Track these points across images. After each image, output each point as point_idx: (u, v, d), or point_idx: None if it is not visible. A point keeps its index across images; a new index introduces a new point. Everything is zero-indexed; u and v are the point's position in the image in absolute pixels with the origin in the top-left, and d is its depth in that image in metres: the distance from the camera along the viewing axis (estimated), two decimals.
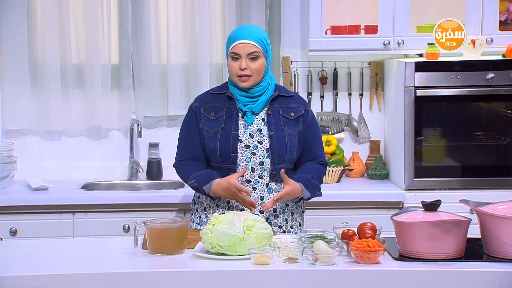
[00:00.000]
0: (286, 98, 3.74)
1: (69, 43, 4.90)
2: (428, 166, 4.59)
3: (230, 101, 3.69)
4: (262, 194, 3.66)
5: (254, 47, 3.62)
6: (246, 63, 3.61)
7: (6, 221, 4.41)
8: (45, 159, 4.97)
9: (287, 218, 3.71)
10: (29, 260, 3.15)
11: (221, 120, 3.67)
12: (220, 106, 3.70)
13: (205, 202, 3.72)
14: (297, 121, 3.71)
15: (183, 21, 4.97)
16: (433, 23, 4.69)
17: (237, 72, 3.63)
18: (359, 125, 5.10)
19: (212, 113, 3.69)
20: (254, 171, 3.65)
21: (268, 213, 3.66)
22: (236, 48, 3.62)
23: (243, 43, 3.62)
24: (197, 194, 3.78)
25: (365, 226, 3.18)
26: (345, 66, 5.09)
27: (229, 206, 3.67)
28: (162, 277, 2.94)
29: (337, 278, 2.95)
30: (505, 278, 2.92)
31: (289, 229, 3.70)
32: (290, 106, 3.72)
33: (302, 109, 3.73)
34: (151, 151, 4.97)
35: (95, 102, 4.94)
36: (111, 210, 4.47)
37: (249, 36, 3.63)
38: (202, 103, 3.74)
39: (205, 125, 3.69)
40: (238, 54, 3.62)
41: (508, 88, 4.55)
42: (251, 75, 3.62)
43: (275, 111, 3.69)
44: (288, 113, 3.70)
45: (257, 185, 3.66)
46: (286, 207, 3.71)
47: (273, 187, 3.68)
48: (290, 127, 3.68)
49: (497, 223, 3.05)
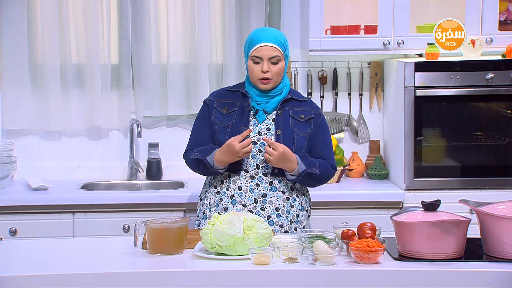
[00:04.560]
0: (299, 102, 3.78)
1: (69, 43, 4.90)
2: (427, 166, 4.60)
3: (244, 98, 3.74)
4: (265, 192, 3.68)
5: (277, 51, 3.65)
6: (268, 66, 3.64)
7: (6, 221, 4.41)
8: (45, 159, 4.97)
9: (291, 219, 3.72)
10: (28, 260, 3.15)
11: (232, 115, 3.72)
12: (233, 102, 3.75)
13: (211, 197, 3.75)
14: (307, 123, 3.74)
15: (183, 21, 4.98)
16: (433, 23, 4.69)
17: (259, 75, 3.66)
18: (358, 125, 5.10)
19: (225, 108, 3.75)
20: (259, 168, 3.69)
21: (270, 211, 3.68)
22: (258, 51, 3.65)
23: (266, 46, 3.65)
24: (204, 190, 3.82)
25: (364, 226, 3.18)
26: (345, 66, 5.09)
27: (232, 201, 3.68)
28: (161, 277, 2.94)
29: (337, 278, 2.96)
30: (504, 278, 2.92)
31: (293, 231, 3.70)
32: (301, 109, 3.76)
33: (313, 113, 3.77)
34: (151, 151, 4.97)
35: (94, 102, 4.94)
36: (110, 210, 4.47)
37: (271, 39, 3.66)
38: (216, 97, 3.80)
39: (216, 119, 3.74)
40: (260, 58, 3.65)
41: (508, 88, 4.55)
42: (272, 78, 3.66)
43: (285, 112, 3.73)
44: (299, 115, 3.74)
45: (261, 182, 3.69)
46: (291, 208, 3.72)
47: (277, 186, 3.69)
48: (299, 128, 3.71)
49: (497, 223, 3.05)
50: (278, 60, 3.65)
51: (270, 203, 3.68)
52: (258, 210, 3.66)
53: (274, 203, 3.68)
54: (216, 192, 3.73)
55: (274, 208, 3.68)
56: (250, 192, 3.68)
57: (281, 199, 3.69)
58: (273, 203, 3.68)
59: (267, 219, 3.65)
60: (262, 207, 3.67)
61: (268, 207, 3.68)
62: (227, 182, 3.72)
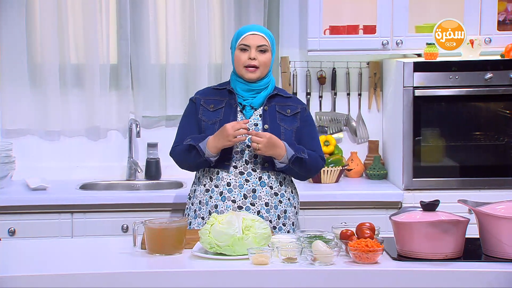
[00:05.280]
0: (284, 98, 3.84)
1: (67, 43, 4.90)
2: (426, 166, 4.60)
3: (231, 95, 3.78)
4: (254, 187, 3.72)
5: (264, 40, 3.73)
6: (255, 54, 3.71)
7: (5, 221, 4.41)
8: (44, 159, 4.97)
9: (279, 214, 3.74)
10: (27, 260, 3.15)
11: (220, 112, 3.76)
12: (220, 100, 3.79)
13: (200, 196, 3.77)
14: (294, 118, 3.79)
15: (182, 21, 4.98)
16: (431, 23, 4.69)
17: (246, 62, 3.71)
18: (357, 125, 5.10)
19: (212, 105, 3.79)
20: (248, 163, 3.72)
21: (260, 206, 3.71)
22: (246, 39, 3.72)
23: (254, 35, 3.73)
24: (193, 189, 3.84)
25: (363, 226, 3.18)
26: (344, 66, 5.09)
27: (222, 198, 3.71)
28: (160, 277, 2.94)
29: (336, 278, 2.96)
30: (503, 278, 2.92)
31: (281, 226, 3.74)
32: (287, 104, 3.81)
33: (299, 108, 3.83)
34: (150, 151, 4.97)
35: (94, 102, 4.94)
36: (109, 210, 4.47)
37: (259, 29, 3.76)
38: (203, 95, 3.85)
39: (204, 116, 3.77)
40: (248, 46, 3.72)
41: (507, 88, 4.55)
42: (259, 66, 3.71)
43: (272, 107, 3.77)
44: (285, 110, 3.78)
45: (250, 178, 3.72)
46: (280, 204, 3.74)
47: (266, 181, 3.73)
48: (286, 123, 3.75)
49: (496, 223, 3.05)
50: (265, 49, 3.72)
51: (259, 198, 3.72)
52: (248, 206, 3.71)
53: (263, 198, 3.72)
54: (205, 190, 3.77)
55: (263, 203, 3.72)
56: (240, 188, 3.72)
57: (269, 194, 3.72)
58: (262, 198, 3.72)
59: (257, 214, 3.66)
60: (252, 202, 3.71)
61: (258, 202, 3.71)
62: (216, 179, 3.74)
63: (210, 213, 3.72)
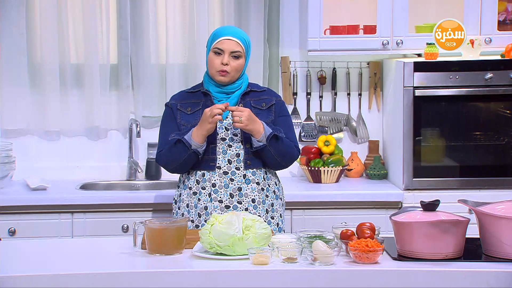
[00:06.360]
0: (258, 92, 3.88)
1: (67, 43, 4.90)
2: (426, 166, 4.59)
3: (206, 96, 3.82)
4: (240, 185, 3.75)
5: (239, 46, 3.75)
6: (228, 60, 3.73)
7: (5, 221, 4.41)
8: (44, 159, 4.97)
9: (267, 208, 3.78)
10: (27, 260, 3.15)
11: (198, 114, 3.79)
12: (196, 102, 3.83)
13: (187, 199, 3.80)
14: (269, 111, 3.83)
15: (182, 21, 4.98)
16: (431, 23, 4.69)
17: (219, 67, 3.74)
18: (358, 125, 5.10)
19: (189, 108, 3.83)
20: (231, 163, 3.76)
21: (247, 204, 3.74)
22: (220, 43, 3.75)
23: (229, 40, 3.75)
24: (178, 193, 3.87)
25: (364, 226, 3.18)
26: (344, 66, 5.09)
27: (211, 198, 3.74)
28: (161, 277, 2.94)
29: (336, 278, 2.96)
30: (503, 278, 2.92)
31: (270, 220, 3.78)
32: (262, 98, 3.86)
33: (273, 100, 3.87)
34: (150, 151, 4.97)
35: (93, 102, 4.94)
36: (109, 210, 4.47)
37: (235, 34, 3.77)
38: (178, 100, 3.89)
39: (183, 119, 3.81)
40: (222, 50, 3.74)
41: (507, 88, 4.55)
42: (230, 72, 3.74)
43: (247, 103, 3.81)
44: (260, 104, 3.83)
45: (234, 177, 3.76)
46: (266, 198, 3.78)
47: (250, 178, 3.76)
48: (262, 117, 3.78)
49: (496, 223, 3.05)
50: (239, 55, 3.75)
51: (246, 195, 3.75)
52: (235, 204, 3.74)
53: (250, 195, 3.76)
54: (192, 193, 3.80)
55: (250, 200, 3.75)
56: (225, 188, 3.75)
57: (256, 190, 3.76)
58: (249, 195, 3.76)
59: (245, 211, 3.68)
60: (239, 201, 3.75)
61: (245, 199, 3.75)
62: (202, 181, 3.76)
63: (200, 216, 3.77)
